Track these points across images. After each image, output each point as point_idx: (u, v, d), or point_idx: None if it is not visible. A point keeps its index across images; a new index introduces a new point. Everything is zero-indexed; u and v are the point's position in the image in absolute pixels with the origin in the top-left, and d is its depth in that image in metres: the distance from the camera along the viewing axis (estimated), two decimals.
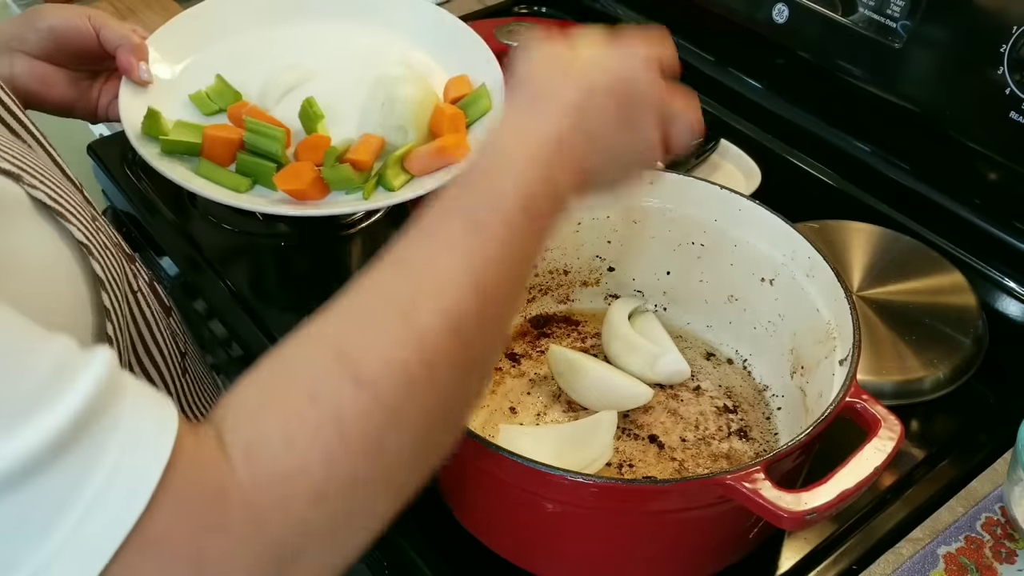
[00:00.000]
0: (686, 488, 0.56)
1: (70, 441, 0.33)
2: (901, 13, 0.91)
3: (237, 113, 0.83)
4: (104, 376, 0.35)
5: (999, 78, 0.83)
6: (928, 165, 0.94)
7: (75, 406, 0.34)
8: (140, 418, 0.36)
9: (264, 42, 0.91)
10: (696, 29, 1.16)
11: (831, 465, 0.55)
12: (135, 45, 0.76)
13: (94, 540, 0.33)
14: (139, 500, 0.34)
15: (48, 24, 0.74)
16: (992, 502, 0.68)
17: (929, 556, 0.65)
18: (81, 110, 0.80)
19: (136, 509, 0.34)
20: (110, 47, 0.76)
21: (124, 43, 0.76)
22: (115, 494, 0.34)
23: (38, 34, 0.74)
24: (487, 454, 0.57)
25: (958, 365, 0.78)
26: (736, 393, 0.76)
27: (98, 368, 0.36)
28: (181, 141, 0.79)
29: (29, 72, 0.74)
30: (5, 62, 0.74)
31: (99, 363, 0.36)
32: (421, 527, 0.69)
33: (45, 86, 0.75)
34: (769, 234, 0.73)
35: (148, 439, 0.35)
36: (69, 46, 0.75)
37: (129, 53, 0.76)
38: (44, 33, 0.74)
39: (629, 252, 0.80)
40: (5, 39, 0.74)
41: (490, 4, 1.31)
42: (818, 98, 1.03)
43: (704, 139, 1.00)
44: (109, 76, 0.80)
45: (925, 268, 0.86)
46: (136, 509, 0.34)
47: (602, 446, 0.69)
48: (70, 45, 0.75)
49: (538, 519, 0.61)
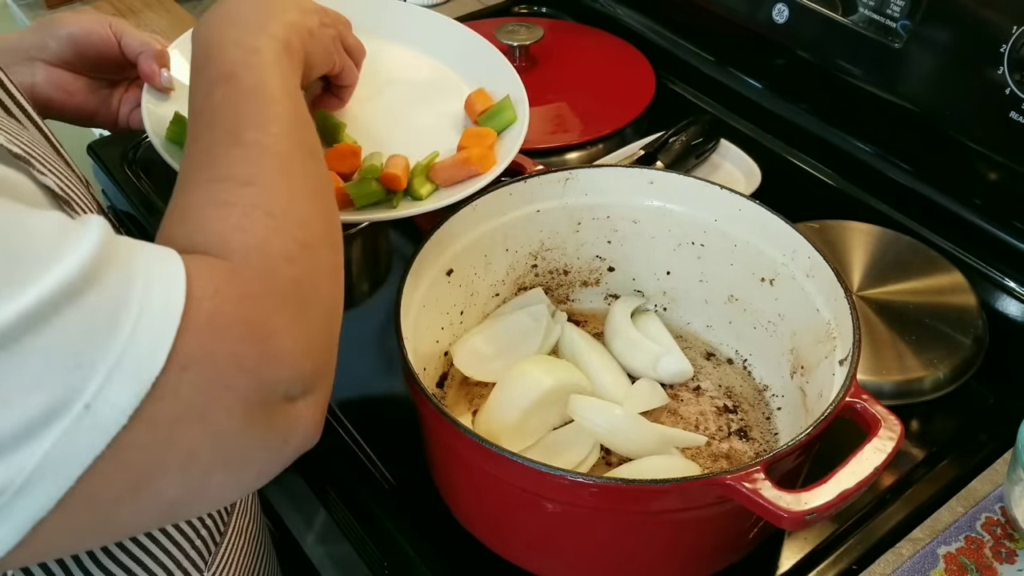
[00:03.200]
0: (686, 488, 0.56)
1: (103, 261, 0.38)
2: (901, 13, 0.91)
3: None
4: (104, 224, 0.40)
5: (999, 78, 0.83)
6: (928, 165, 0.94)
7: (98, 237, 0.39)
8: (147, 246, 0.42)
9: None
10: (696, 29, 1.16)
11: (831, 465, 0.55)
12: (157, 52, 0.76)
13: (153, 332, 0.38)
14: (179, 293, 0.40)
15: (68, 31, 0.74)
16: (992, 502, 0.68)
17: (929, 556, 0.65)
18: (102, 119, 0.79)
19: (179, 299, 0.40)
20: (131, 54, 0.76)
21: (146, 50, 0.76)
22: (158, 292, 0.39)
23: (58, 42, 0.74)
24: (487, 454, 0.57)
25: (958, 365, 0.78)
26: (736, 393, 0.76)
27: (96, 220, 0.40)
28: None
29: (49, 80, 0.74)
30: (27, 71, 0.73)
31: (94, 217, 0.41)
32: (421, 527, 0.69)
33: (66, 94, 0.75)
34: (769, 234, 0.73)
35: (162, 257, 0.42)
36: (89, 53, 0.75)
37: (151, 60, 0.76)
38: (64, 40, 0.74)
39: (629, 252, 0.80)
40: (26, 48, 0.74)
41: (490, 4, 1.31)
42: (818, 98, 1.03)
43: (704, 139, 1.00)
44: (130, 85, 0.80)
45: (925, 268, 0.86)
46: (179, 299, 0.40)
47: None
48: (90, 52, 0.75)
49: (538, 519, 0.61)
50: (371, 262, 0.93)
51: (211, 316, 0.41)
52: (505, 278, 0.80)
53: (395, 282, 0.68)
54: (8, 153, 0.45)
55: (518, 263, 0.80)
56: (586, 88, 1.14)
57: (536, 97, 0.82)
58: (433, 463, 0.69)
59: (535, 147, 1.03)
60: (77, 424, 0.37)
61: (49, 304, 0.36)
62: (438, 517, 0.68)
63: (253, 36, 0.58)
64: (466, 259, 0.75)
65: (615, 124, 1.08)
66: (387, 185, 0.74)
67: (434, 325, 0.74)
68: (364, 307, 0.88)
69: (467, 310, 0.77)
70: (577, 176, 0.77)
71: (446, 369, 0.77)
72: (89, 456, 0.37)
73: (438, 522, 0.68)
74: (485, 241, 0.76)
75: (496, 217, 0.76)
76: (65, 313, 0.36)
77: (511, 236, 0.78)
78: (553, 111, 1.10)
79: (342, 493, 0.76)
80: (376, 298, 0.90)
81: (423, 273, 0.70)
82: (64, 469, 0.37)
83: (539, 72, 1.15)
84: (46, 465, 0.36)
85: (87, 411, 0.37)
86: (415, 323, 0.68)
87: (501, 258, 0.78)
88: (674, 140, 0.98)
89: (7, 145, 0.45)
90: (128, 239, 0.42)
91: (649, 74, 1.15)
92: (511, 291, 0.81)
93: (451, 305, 0.76)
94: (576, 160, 1.04)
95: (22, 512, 0.37)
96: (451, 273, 0.74)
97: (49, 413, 0.36)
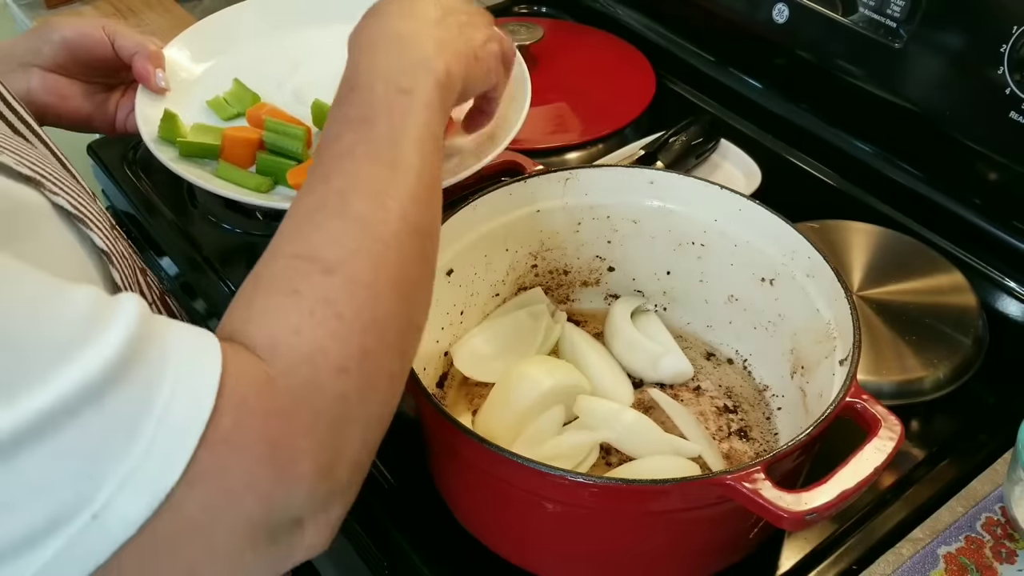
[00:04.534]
0: (686, 488, 0.56)
1: (130, 361, 0.36)
2: (901, 13, 0.91)
3: (256, 114, 0.82)
4: (140, 308, 0.38)
5: (999, 78, 0.83)
6: (928, 165, 0.94)
7: (127, 329, 0.37)
8: (184, 338, 0.40)
9: (280, 49, 0.91)
10: (696, 29, 1.16)
11: (831, 465, 0.55)
12: (151, 53, 0.76)
13: (171, 445, 0.37)
14: (205, 404, 0.38)
15: (62, 35, 0.73)
16: (992, 502, 0.68)
17: (929, 556, 0.65)
18: (99, 123, 0.79)
19: (205, 411, 0.37)
20: (126, 55, 0.76)
21: (140, 51, 0.75)
22: (181, 402, 0.37)
23: (52, 46, 0.73)
24: (487, 454, 0.57)
25: (958, 365, 0.78)
26: (736, 393, 0.76)
27: (131, 303, 0.38)
28: (199, 143, 0.78)
29: (44, 86, 0.73)
30: (22, 78, 0.73)
31: (129, 300, 0.39)
32: (421, 527, 0.69)
33: (61, 99, 0.74)
34: (769, 234, 0.73)
35: (198, 354, 0.39)
36: (84, 56, 0.74)
37: (146, 61, 0.75)
38: (58, 45, 0.73)
39: (629, 252, 0.80)
40: (19, 54, 0.73)
41: (490, 4, 1.31)
42: (818, 98, 1.03)
43: (704, 139, 1.00)
44: (126, 89, 0.80)
45: (925, 268, 0.86)
46: (205, 411, 0.37)
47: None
48: (85, 55, 0.74)
49: (538, 519, 0.61)
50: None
51: (231, 432, 0.38)
52: (505, 278, 0.80)
53: None
54: (19, 176, 0.44)
55: (518, 263, 0.80)
56: (586, 88, 1.14)
57: (536, 97, 0.82)
58: (433, 463, 0.69)
59: (535, 147, 1.03)
60: (82, 534, 0.35)
61: (69, 406, 0.34)
62: (438, 517, 0.68)
63: (410, 71, 0.53)
64: (466, 259, 0.75)
65: (615, 124, 1.08)
66: None
67: (434, 325, 0.74)
68: None
69: (467, 310, 0.77)
70: (577, 176, 0.77)
71: (446, 369, 0.77)
72: (89, 566, 0.36)
73: (438, 522, 0.68)
74: (485, 241, 0.76)
75: (496, 217, 0.76)
76: (84, 417, 0.35)
77: (511, 236, 0.78)
78: (553, 111, 1.10)
79: None
80: None
81: None
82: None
83: (539, 72, 1.14)
84: (44, 573, 0.35)
85: (94, 521, 0.35)
86: None
87: (501, 258, 0.78)
88: (674, 140, 0.98)
89: (16, 167, 0.44)
90: (165, 321, 0.40)
91: (649, 74, 1.15)
92: (511, 291, 0.81)
93: (451, 305, 0.76)
94: (576, 160, 1.04)
95: None
96: (451, 273, 0.74)
97: (54, 522, 0.35)
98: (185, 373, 0.38)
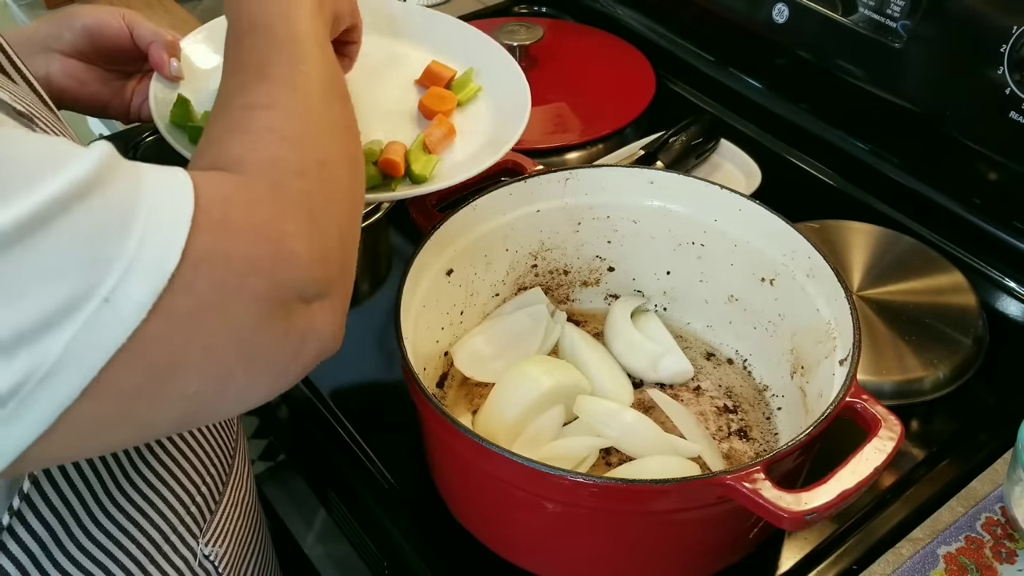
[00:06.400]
0: (686, 488, 0.56)
1: (111, 168, 0.40)
2: (901, 13, 0.91)
3: None
4: (111, 145, 0.42)
5: (999, 78, 0.83)
6: (928, 165, 0.94)
7: (103, 147, 0.40)
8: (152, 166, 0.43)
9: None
10: (696, 29, 1.16)
11: (831, 465, 0.55)
12: (167, 42, 0.79)
13: (165, 232, 0.40)
14: (187, 197, 0.41)
15: (83, 23, 0.76)
16: (992, 502, 0.68)
17: (929, 556, 0.65)
18: (114, 109, 0.81)
19: (189, 202, 0.41)
20: (143, 44, 0.78)
21: (156, 40, 0.78)
22: (166, 196, 0.41)
23: (73, 32, 0.76)
24: (487, 454, 0.57)
25: (958, 365, 0.78)
26: (736, 393, 0.76)
27: (102, 143, 0.41)
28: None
29: (64, 70, 0.76)
30: (42, 61, 0.75)
31: (102, 142, 0.41)
32: (421, 527, 0.69)
33: (79, 84, 0.77)
34: (769, 234, 0.73)
35: (169, 169, 0.43)
36: (103, 44, 0.77)
37: (161, 49, 0.78)
38: (79, 31, 0.76)
39: (629, 252, 0.80)
40: (41, 38, 0.76)
41: (490, 4, 1.31)
42: (818, 98, 1.03)
43: (704, 139, 1.00)
44: (142, 78, 0.82)
45: (925, 268, 0.86)
46: (189, 202, 0.41)
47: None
48: (104, 43, 0.77)
49: (538, 519, 0.61)
50: (371, 262, 0.93)
51: (221, 219, 0.42)
52: (505, 278, 0.80)
53: (395, 282, 0.68)
54: (13, 111, 0.46)
55: (518, 263, 0.80)
56: (586, 88, 1.14)
57: (536, 97, 0.82)
58: (433, 463, 0.69)
59: (535, 147, 1.03)
60: (97, 316, 0.38)
61: (59, 203, 0.37)
62: (438, 517, 0.68)
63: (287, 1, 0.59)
64: (466, 259, 0.75)
65: (615, 124, 1.08)
66: (385, 170, 0.75)
67: (434, 325, 0.74)
68: (364, 307, 0.88)
69: (467, 310, 0.77)
70: (577, 176, 0.77)
71: (446, 369, 0.77)
72: (111, 347, 0.39)
73: (438, 522, 0.68)
74: (485, 241, 0.76)
75: (496, 217, 0.76)
76: (75, 212, 0.38)
77: (511, 236, 0.78)
78: (553, 111, 1.10)
79: (342, 493, 0.76)
80: (376, 298, 0.90)
81: (423, 273, 0.70)
82: (87, 359, 0.38)
83: (539, 72, 1.15)
84: (69, 355, 0.38)
85: (106, 304, 0.38)
86: (415, 323, 0.68)
87: (501, 258, 0.78)
88: (674, 140, 0.98)
89: (12, 103, 0.47)
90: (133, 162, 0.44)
91: (649, 74, 1.15)
92: (511, 291, 0.81)
93: (451, 305, 0.76)
94: (576, 160, 1.04)
95: (48, 401, 0.38)
96: (451, 273, 0.74)
97: (68, 305, 0.38)
98: (163, 179, 0.42)
